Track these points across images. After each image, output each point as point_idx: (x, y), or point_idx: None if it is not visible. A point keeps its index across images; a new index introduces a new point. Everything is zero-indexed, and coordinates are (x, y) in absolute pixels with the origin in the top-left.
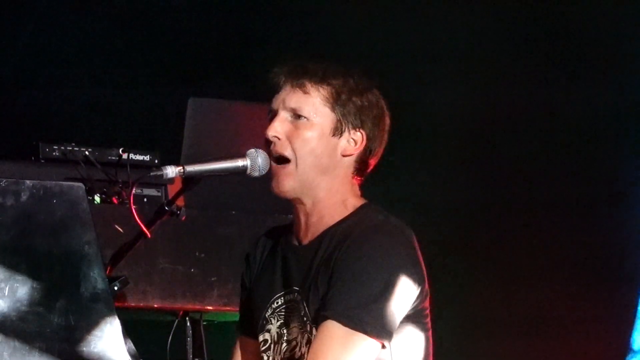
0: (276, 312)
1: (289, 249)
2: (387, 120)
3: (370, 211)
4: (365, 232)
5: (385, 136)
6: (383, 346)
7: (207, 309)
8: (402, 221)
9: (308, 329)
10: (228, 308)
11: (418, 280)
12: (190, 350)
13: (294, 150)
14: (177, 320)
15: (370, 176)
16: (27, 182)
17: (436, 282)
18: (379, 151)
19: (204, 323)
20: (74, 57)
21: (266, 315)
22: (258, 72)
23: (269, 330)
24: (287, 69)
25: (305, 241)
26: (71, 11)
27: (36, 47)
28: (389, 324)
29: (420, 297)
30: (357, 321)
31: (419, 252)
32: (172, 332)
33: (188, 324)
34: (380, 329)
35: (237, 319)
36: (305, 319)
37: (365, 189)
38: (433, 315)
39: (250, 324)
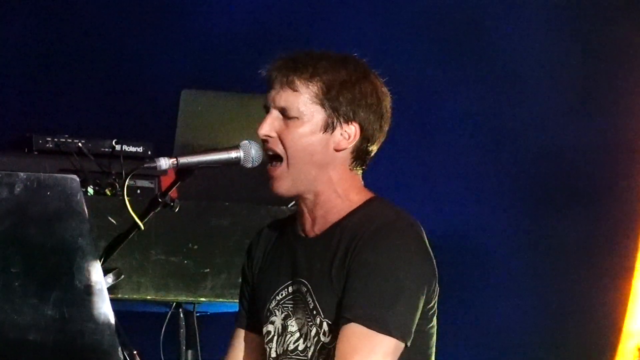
0: (280, 304)
1: (296, 240)
2: (387, 104)
3: (379, 205)
4: (380, 230)
5: (385, 121)
6: (406, 345)
7: (201, 300)
8: (411, 215)
9: (317, 322)
10: (221, 299)
11: (431, 278)
12: (183, 342)
13: (285, 149)
14: (170, 312)
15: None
16: (21, 174)
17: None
18: (380, 137)
19: (197, 314)
20: (65, 47)
21: (270, 307)
22: (250, 63)
23: (272, 322)
24: (277, 66)
25: (312, 234)
26: (61, 2)
27: (28, 38)
28: (410, 323)
29: (433, 293)
30: (381, 322)
31: (430, 250)
32: (165, 324)
33: (181, 315)
34: (403, 329)
35: (230, 310)
36: (314, 312)
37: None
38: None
39: (252, 317)
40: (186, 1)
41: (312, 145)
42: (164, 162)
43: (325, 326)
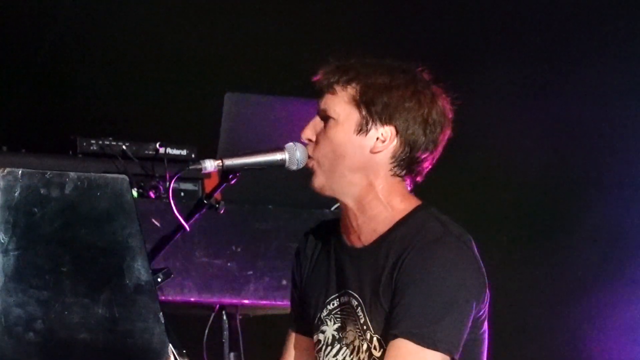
0: (332, 314)
1: (343, 250)
2: (436, 111)
3: (427, 218)
4: (428, 246)
5: (431, 129)
6: (453, 359)
7: (244, 303)
8: (461, 226)
9: (368, 337)
10: (264, 302)
11: (480, 290)
12: (226, 344)
13: (318, 150)
14: (213, 314)
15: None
16: (71, 174)
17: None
18: (427, 144)
19: (240, 317)
20: (109, 50)
21: (321, 316)
22: (293, 66)
23: (323, 332)
24: (324, 72)
25: (359, 244)
26: (105, 5)
27: (73, 41)
28: (458, 337)
29: (482, 304)
30: (427, 338)
31: (480, 260)
32: (208, 327)
33: (224, 318)
34: (450, 344)
35: (273, 312)
36: (364, 327)
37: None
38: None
39: (304, 322)
40: (230, 3)
41: (344, 147)
42: (210, 164)
43: (375, 341)
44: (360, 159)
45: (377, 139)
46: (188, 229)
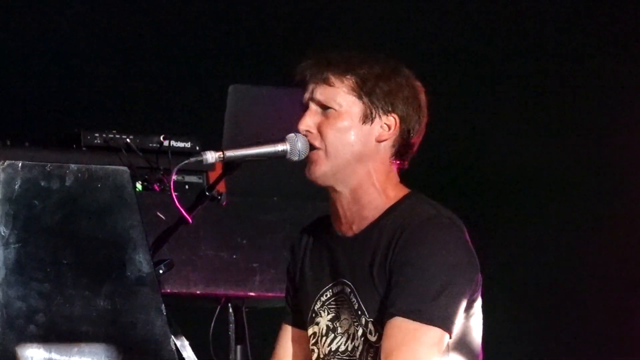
0: (326, 305)
1: (334, 240)
2: (423, 97)
3: (418, 202)
4: (421, 227)
5: (423, 113)
6: (450, 336)
7: (250, 295)
8: (450, 211)
9: (363, 322)
10: (270, 294)
11: (473, 271)
12: (232, 337)
13: (324, 140)
14: (219, 307)
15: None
16: (72, 166)
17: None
18: (420, 129)
19: (246, 310)
20: (112, 43)
21: (315, 308)
22: (297, 57)
23: (317, 323)
24: (309, 64)
25: (350, 233)
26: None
27: (76, 35)
28: (453, 314)
29: (475, 286)
30: (424, 314)
31: (470, 243)
32: (214, 319)
33: (230, 310)
34: (447, 320)
35: (279, 305)
36: (359, 312)
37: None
38: (485, 303)
39: (298, 315)
40: None
41: (351, 136)
42: (211, 156)
43: (370, 326)
44: (366, 148)
45: (381, 127)
46: (191, 221)
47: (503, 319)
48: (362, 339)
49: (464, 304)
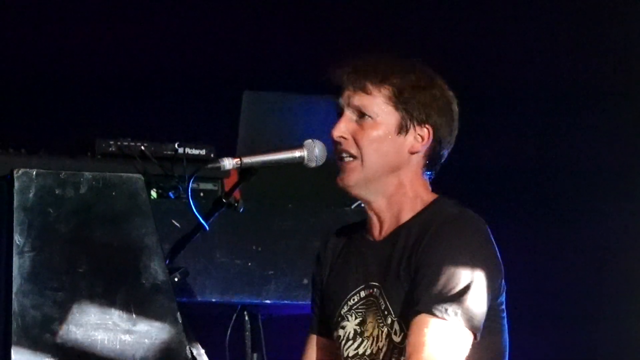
0: (353, 309)
1: (365, 244)
2: (455, 109)
3: (444, 204)
4: (446, 225)
5: (455, 125)
6: (475, 338)
7: (265, 303)
8: (476, 214)
9: (389, 322)
10: (286, 302)
11: (497, 272)
12: (249, 345)
13: (360, 149)
14: (235, 315)
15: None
16: (86, 174)
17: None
18: (450, 140)
19: (262, 317)
20: (126, 50)
21: (342, 312)
22: (312, 64)
23: (343, 327)
24: (347, 71)
25: (380, 237)
26: (123, 7)
27: (91, 43)
28: (479, 315)
29: (498, 290)
30: (450, 312)
31: (494, 244)
32: (230, 327)
33: (246, 318)
34: (472, 320)
35: (294, 312)
36: (385, 312)
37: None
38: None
39: (325, 323)
40: (247, 1)
41: (386, 146)
42: (228, 162)
43: (396, 325)
44: (399, 159)
45: (415, 138)
46: (207, 228)
47: (526, 322)
48: (387, 340)
49: (488, 302)
